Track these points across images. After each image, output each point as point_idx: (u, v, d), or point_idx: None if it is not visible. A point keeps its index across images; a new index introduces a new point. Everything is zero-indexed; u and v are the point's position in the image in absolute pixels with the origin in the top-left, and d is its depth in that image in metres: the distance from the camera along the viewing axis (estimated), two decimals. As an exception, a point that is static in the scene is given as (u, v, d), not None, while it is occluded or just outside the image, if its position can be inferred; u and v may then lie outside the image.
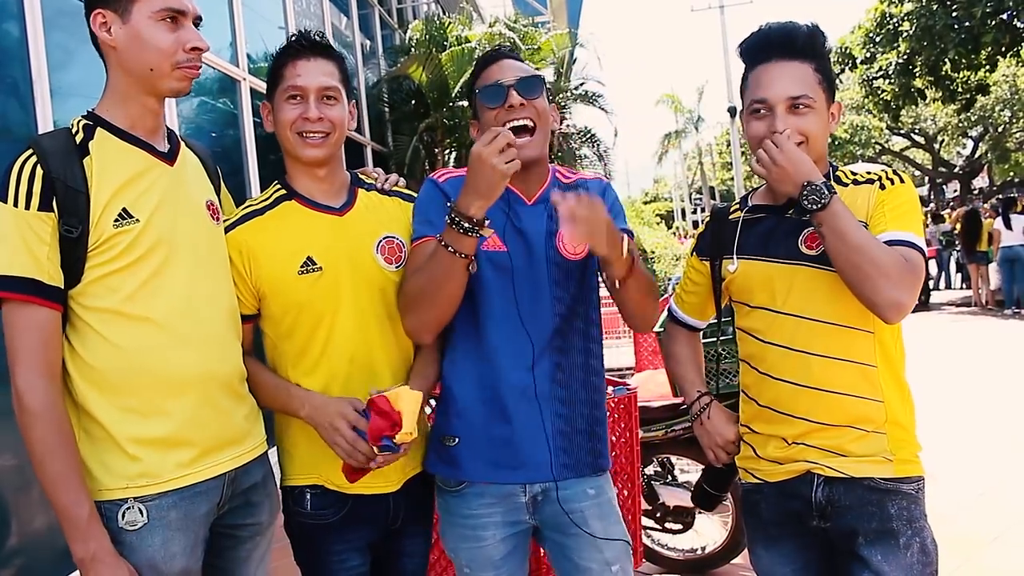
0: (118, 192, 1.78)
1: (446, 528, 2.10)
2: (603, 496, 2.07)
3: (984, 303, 14.41)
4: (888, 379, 1.90)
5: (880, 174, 1.92)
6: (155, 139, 1.91)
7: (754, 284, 2.00)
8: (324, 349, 2.04)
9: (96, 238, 1.75)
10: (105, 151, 1.81)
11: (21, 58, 3.89)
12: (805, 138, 1.90)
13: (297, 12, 8.40)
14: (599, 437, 2.10)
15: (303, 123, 2.03)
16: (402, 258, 2.12)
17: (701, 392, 2.17)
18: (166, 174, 1.89)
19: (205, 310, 1.89)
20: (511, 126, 1.97)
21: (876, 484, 1.86)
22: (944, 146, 32.76)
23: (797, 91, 1.90)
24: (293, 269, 2.02)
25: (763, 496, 2.02)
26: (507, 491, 2.02)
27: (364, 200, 2.16)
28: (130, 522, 1.76)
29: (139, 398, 1.78)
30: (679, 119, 43.27)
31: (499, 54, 2.12)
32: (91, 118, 1.86)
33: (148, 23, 1.82)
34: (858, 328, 1.88)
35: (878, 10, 15.83)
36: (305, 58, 2.05)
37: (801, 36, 1.95)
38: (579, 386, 2.05)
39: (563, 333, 2.03)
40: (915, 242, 1.82)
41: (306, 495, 2.06)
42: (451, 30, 13.06)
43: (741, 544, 3.74)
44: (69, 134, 1.81)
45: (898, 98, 16.23)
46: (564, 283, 2.04)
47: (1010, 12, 13.46)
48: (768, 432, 1.98)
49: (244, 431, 1.96)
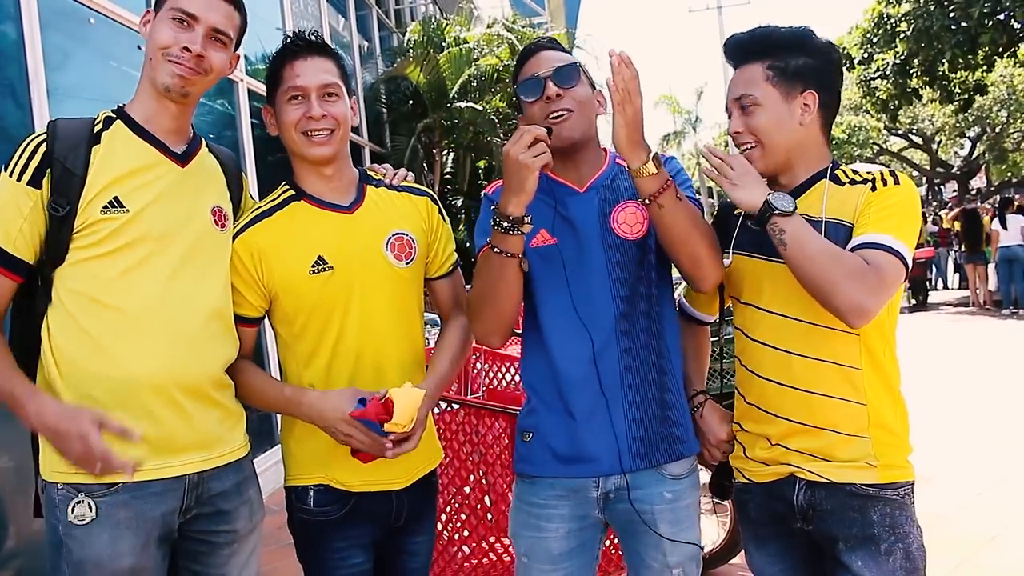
0: (115, 181, 1.83)
1: (513, 511, 2.10)
2: (681, 501, 2.02)
3: (982, 303, 14.43)
4: (874, 382, 1.88)
5: (876, 175, 1.91)
6: (172, 139, 1.95)
7: (745, 279, 2.01)
8: (335, 348, 2.04)
9: (82, 221, 1.80)
10: (115, 141, 1.88)
11: (18, 59, 3.88)
12: (755, 136, 1.93)
13: (295, 13, 8.40)
14: (675, 422, 2.03)
15: (307, 122, 2.02)
16: (412, 255, 2.12)
17: (696, 391, 2.16)
18: (172, 173, 1.93)
19: (181, 311, 1.88)
20: (552, 118, 1.97)
21: (858, 490, 1.85)
22: (942, 146, 32.75)
23: (738, 92, 1.96)
24: (304, 269, 2.02)
25: (751, 496, 2.03)
26: (579, 485, 2.00)
27: (373, 197, 2.15)
28: (79, 516, 1.77)
29: (101, 387, 1.79)
30: (677, 120, 43.26)
31: (537, 47, 2.10)
32: (117, 111, 1.94)
33: (162, 17, 1.90)
34: (843, 330, 1.85)
35: (875, 11, 15.86)
36: (303, 58, 2.04)
37: (749, 39, 2.00)
38: (650, 369, 2.01)
39: (629, 317, 2.00)
40: (890, 245, 1.77)
41: (309, 492, 2.06)
42: (449, 31, 13.09)
43: (739, 545, 3.74)
44: (91, 123, 1.89)
45: (895, 98, 16.25)
46: (625, 265, 2.01)
47: (1007, 12, 13.47)
48: (755, 431, 1.98)
49: (213, 437, 1.94)
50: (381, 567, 2.16)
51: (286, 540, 2.14)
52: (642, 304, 2.02)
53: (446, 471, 3.16)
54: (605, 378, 1.97)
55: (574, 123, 1.99)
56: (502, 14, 16.68)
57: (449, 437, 3.16)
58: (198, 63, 1.91)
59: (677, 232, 1.91)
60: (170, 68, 1.88)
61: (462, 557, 3.18)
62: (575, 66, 2.03)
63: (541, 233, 2.01)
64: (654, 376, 2.01)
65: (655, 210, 1.88)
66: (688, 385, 2.16)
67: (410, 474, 2.11)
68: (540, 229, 2.01)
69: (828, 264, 1.74)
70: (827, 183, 1.93)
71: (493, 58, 13.01)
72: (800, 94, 1.94)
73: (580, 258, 2.00)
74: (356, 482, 2.04)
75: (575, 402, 1.97)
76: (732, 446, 2.09)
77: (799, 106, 1.94)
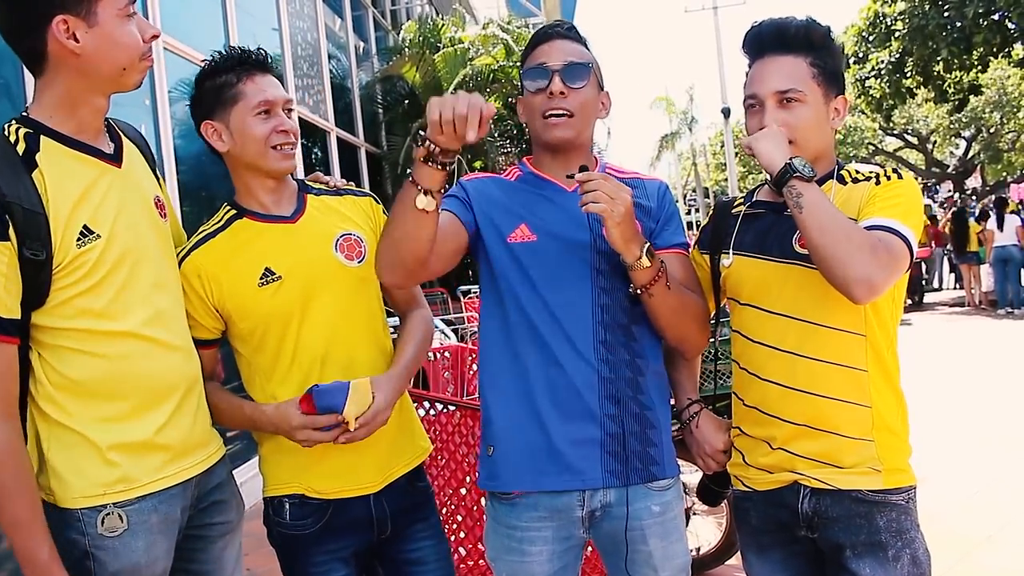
0: (75, 208, 1.70)
1: (490, 534, 2.02)
2: (669, 513, 1.96)
3: (977, 303, 14.45)
4: (879, 384, 1.86)
5: (879, 172, 1.89)
6: (100, 141, 1.82)
7: (747, 281, 1.96)
8: (295, 355, 2.02)
9: (61, 259, 1.67)
10: (54, 163, 1.69)
11: (12, 59, 3.86)
12: (793, 134, 1.86)
13: (291, 13, 8.39)
14: (652, 442, 1.94)
15: (279, 135, 2.01)
16: (362, 253, 2.09)
17: (691, 400, 2.11)
18: (117, 179, 1.81)
19: (171, 315, 1.88)
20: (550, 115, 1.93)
21: (864, 496, 1.82)
22: (937, 147, 32.85)
23: (784, 85, 1.88)
24: (253, 282, 2.00)
25: (752, 504, 1.98)
26: (563, 504, 1.90)
27: (314, 204, 2.12)
28: (110, 528, 1.73)
29: (121, 405, 1.76)
30: (673, 121, 43.32)
31: (554, 31, 1.99)
32: (29, 124, 1.72)
33: (116, 22, 1.73)
34: (850, 331, 1.84)
35: (871, 10, 15.90)
36: (260, 73, 2.04)
37: (792, 29, 1.92)
38: (628, 385, 1.92)
39: (609, 327, 1.92)
40: (898, 228, 1.76)
41: (285, 506, 2.05)
42: (444, 31, 13.08)
43: (735, 546, 3.73)
44: (8, 144, 1.68)
45: (889, 97, 16.28)
46: (611, 274, 1.92)
47: (1002, 13, 13.50)
48: (756, 434, 1.94)
49: (209, 435, 1.97)
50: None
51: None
52: (623, 316, 1.94)
53: (442, 472, 3.16)
54: (582, 388, 1.89)
55: (571, 125, 1.94)
56: (498, 14, 16.69)
57: (445, 439, 3.16)
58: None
59: (664, 317, 1.91)
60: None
61: (459, 559, 3.17)
62: (587, 66, 1.96)
63: (521, 228, 1.95)
64: (631, 393, 1.93)
65: (646, 298, 1.87)
66: (681, 393, 2.11)
67: (383, 475, 2.07)
68: (520, 224, 1.95)
69: (840, 234, 1.70)
70: (834, 183, 1.91)
71: (488, 58, 13.01)
72: (834, 97, 1.91)
73: (561, 258, 1.92)
74: (329, 489, 2.02)
75: (548, 411, 1.89)
76: (730, 455, 2.05)
77: (832, 109, 1.92)
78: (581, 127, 1.97)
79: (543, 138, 1.97)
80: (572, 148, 1.98)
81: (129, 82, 1.80)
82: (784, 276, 1.89)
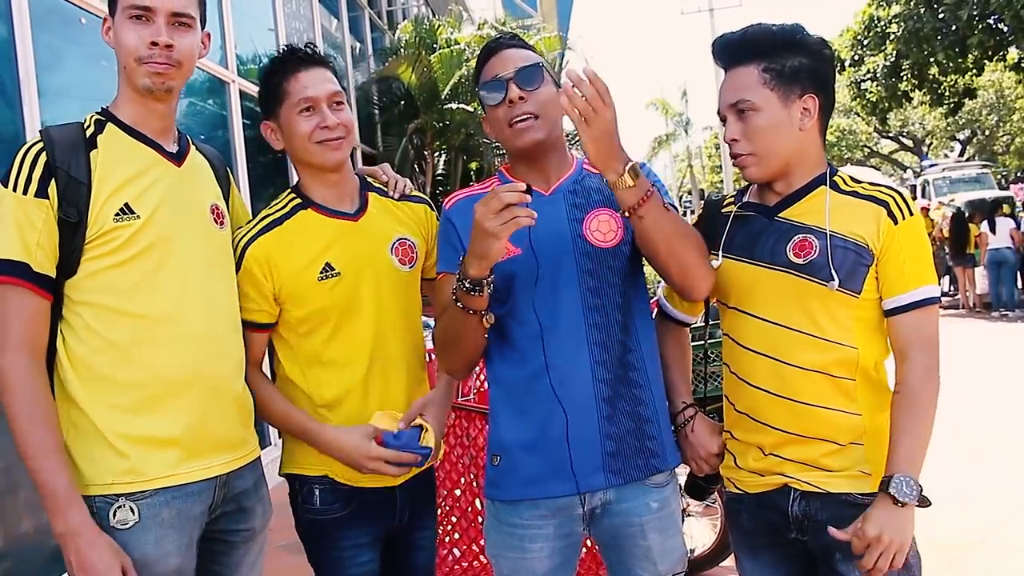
0: (121, 186, 1.81)
1: (491, 531, 2.04)
2: (666, 508, 1.98)
3: (972, 306, 14.49)
4: (867, 392, 1.86)
5: (888, 198, 1.84)
6: (163, 139, 1.93)
7: (734, 284, 1.95)
8: (343, 346, 2.08)
9: (96, 230, 1.77)
10: (112, 145, 1.85)
11: (9, 59, 3.86)
12: (753, 144, 1.86)
13: (287, 14, 8.38)
14: (650, 436, 1.95)
15: (322, 132, 2.05)
16: (414, 259, 2.18)
17: (686, 403, 2.08)
18: (171, 174, 1.91)
19: (199, 312, 1.89)
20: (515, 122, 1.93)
21: (854, 499, 1.82)
22: (932, 149, 32.92)
23: (733, 98, 1.87)
24: (313, 276, 2.06)
25: (744, 506, 1.99)
26: (564, 503, 1.92)
27: (376, 203, 2.20)
28: (121, 521, 1.76)
29: (130, 395, 1.79)
30: (668, 123, 43.33)
31: (499, 44, 2.03)
32: (104, 114, 1.90)
33: (122, 21, 1.85)
34: (841, 343, 1.83)
35: (866, 13, 15.95)
36: (306, 69, 2.07)
37: (737, 40, 1.91)
38: (622, 383, 1.93)
39: (601, 327, 1.92)
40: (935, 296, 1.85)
41: (315, 492, 2.10)
42: (440, 32, 13.06)
43: (729, 547, 3.74)
44: (81, 127, 1.85)
45: (885, 100, 16.32)
46: (598, 273, 1.92)
47: (996, 16, 13.55)
48: (747, 440, 1.94)
49: (239, 436, 1.97)
50: (391, 566, 2.20)
51: (278, 541, 2.14)
52: (615, 314, 1.95)
53: (437, 473, 3.16)
54: (577, 392, 1.90)
55: (539, 127, 1.94)
56: (493, 15, 16.70)
57: (440, 439, 3.16)
58: (168, 55, 1.84)
59: (662, 243, 1.84)
60: (144, 69, 1.84)
61: (452, 560, 3.18)
62: (538, 66, 1.97)
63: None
64: (627, 389, 1.94)
65: (636, 222, 1.82)
66: (675, 396, 2.08)
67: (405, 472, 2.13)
68: None
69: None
70: (827, 190, 1.88)
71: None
72: (799, 97, 1.85)
73: (546, 265, 1.92)
74: (356, 477, 2.07)
75: (544, 418, 1.91)
76: (722, 457, 2.05)
77: (799, 110, 1.86)
78: (548, 127, 1.96)
79: (515, 146, 1.97)
80: (545, 150, 1.98)
81: (135, 82, 1.87)
82: (775, 283, 1.88)
